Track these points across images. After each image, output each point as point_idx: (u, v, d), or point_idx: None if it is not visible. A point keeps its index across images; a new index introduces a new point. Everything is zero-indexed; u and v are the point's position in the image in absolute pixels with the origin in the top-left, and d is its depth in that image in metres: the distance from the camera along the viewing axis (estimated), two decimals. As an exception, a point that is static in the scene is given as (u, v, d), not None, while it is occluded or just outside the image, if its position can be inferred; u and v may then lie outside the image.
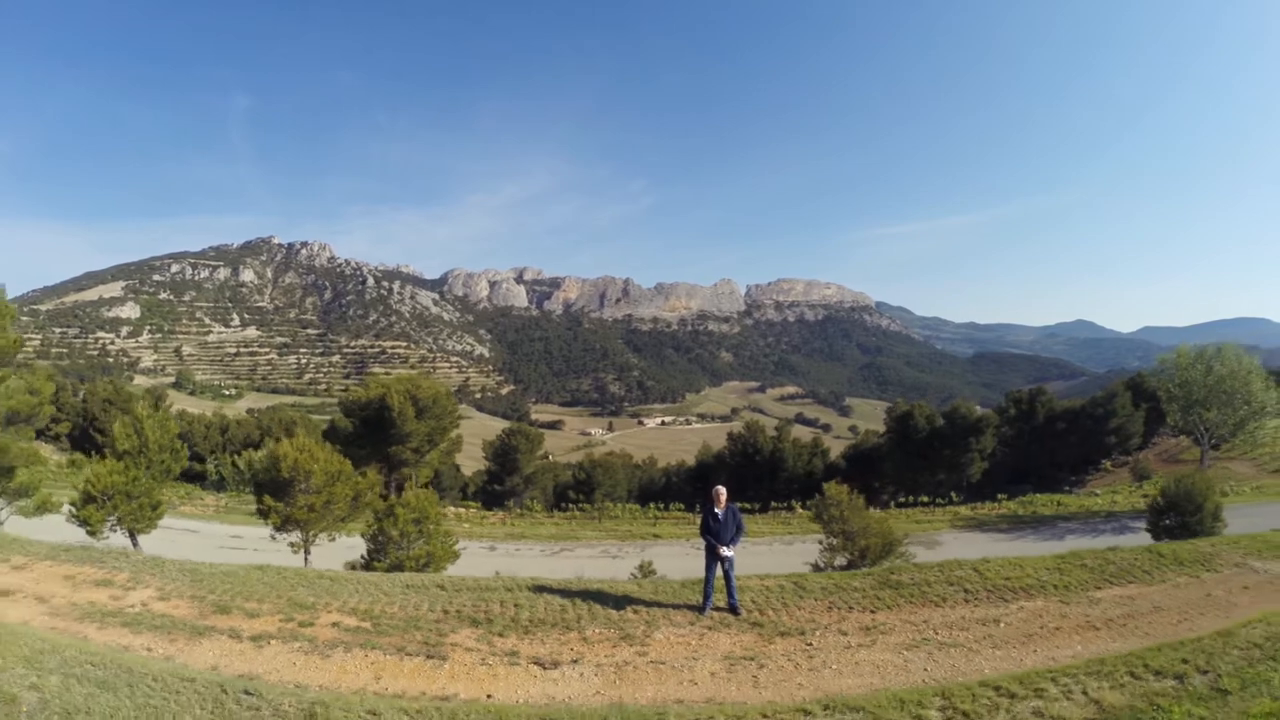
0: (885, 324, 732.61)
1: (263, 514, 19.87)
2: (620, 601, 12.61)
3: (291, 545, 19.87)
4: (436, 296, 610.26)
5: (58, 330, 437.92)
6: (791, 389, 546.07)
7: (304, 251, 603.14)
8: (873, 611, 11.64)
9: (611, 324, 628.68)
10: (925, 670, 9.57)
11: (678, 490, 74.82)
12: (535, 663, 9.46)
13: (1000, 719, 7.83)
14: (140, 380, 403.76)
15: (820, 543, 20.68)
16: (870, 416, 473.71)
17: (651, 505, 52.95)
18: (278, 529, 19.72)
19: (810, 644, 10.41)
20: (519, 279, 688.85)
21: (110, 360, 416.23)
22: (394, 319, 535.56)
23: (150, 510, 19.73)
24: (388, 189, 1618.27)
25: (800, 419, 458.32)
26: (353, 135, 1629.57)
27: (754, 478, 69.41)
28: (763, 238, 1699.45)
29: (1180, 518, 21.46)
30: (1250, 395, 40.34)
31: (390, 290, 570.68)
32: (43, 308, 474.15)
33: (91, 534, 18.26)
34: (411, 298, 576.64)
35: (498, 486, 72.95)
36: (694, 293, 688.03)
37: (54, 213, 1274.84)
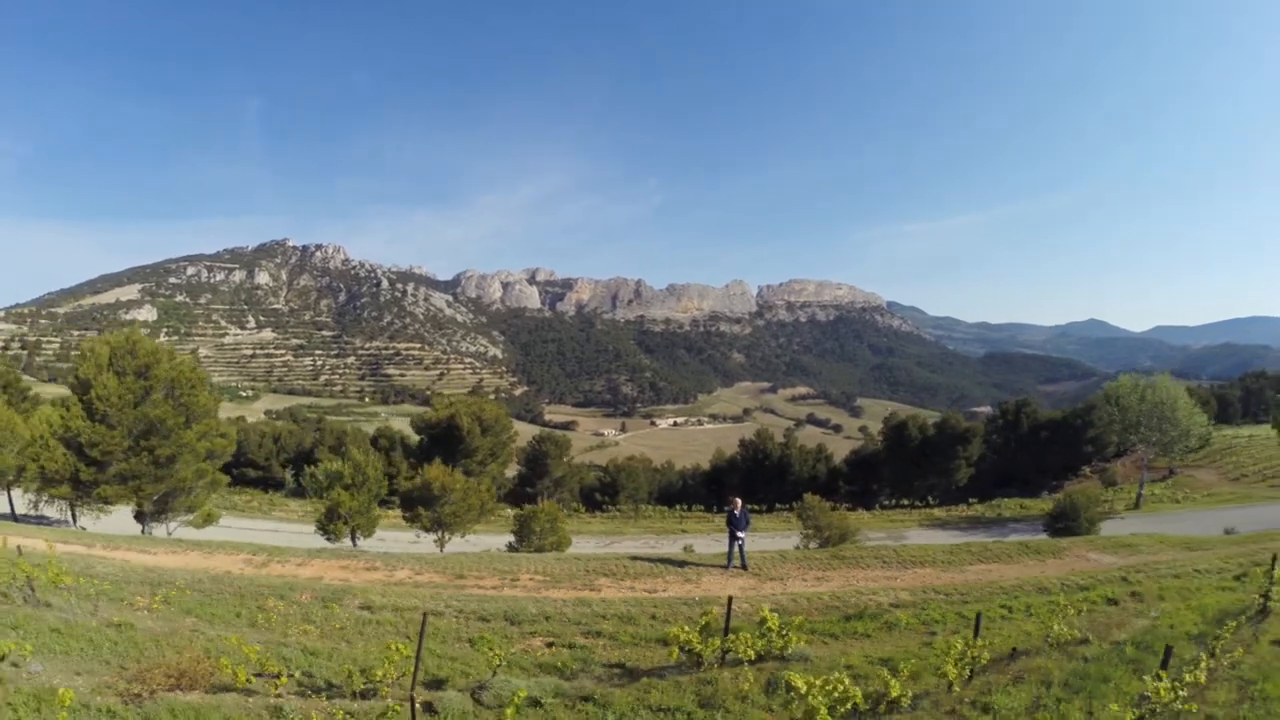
0: (897, 324, 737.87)
1: (410, 519, 28.64)
2: (680, 564, 21.50)
3: (436, 541, 28.71)
4: (450, 298, 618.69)
5: (76, 333, 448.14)
6: (803, 390, 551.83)
7: (318, 254, 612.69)
8: (824, 570, 20.34)
9: (624, 325, 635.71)
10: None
11: (694, 492, 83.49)
12: (646, 590, 18.15)
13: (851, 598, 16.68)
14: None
15: (801, 533, 29.59)
16: (881, 417, 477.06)
17: (677, 506, 61.62)
18: (426, 530, 28.54)
19: (785, 584, 19.03)
20: (531, 280, 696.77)
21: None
22: (408, 321, 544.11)
23: (372, 522, 28.59)
24: (400, 189, 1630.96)
25: (812, 420, 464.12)
26: (365, 136, 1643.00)
27: (764, 481, 77.96)
28: (774, 238, 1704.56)
29: (1066, 522, 30.05)
30: (1176, 420, 48.84)
31: (404, 292, 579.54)
32: (61, 310, 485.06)
33: (330, 539, 27.02)
34: (425, 299, 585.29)
35: (529, 489, 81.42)
36: (706, 293, 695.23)
37: (67, 214, 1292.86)
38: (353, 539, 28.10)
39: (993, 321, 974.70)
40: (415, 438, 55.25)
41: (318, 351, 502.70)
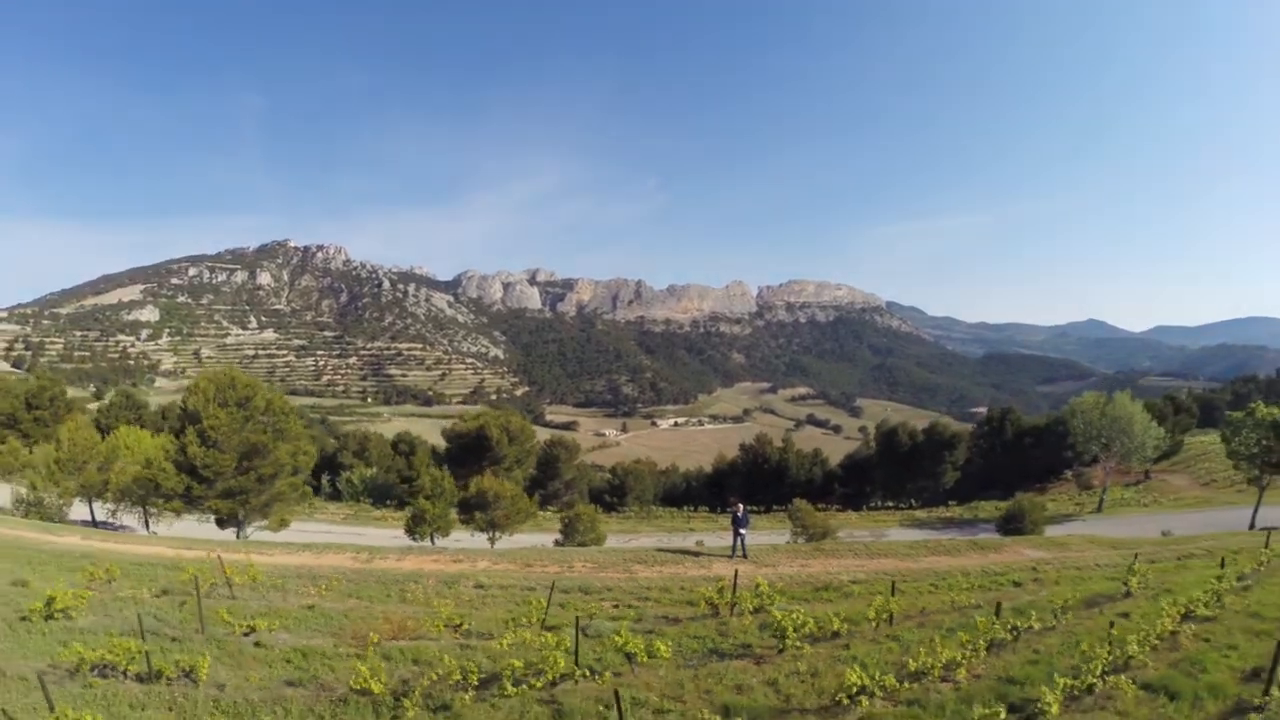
0: (896, 325, 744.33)
1: (466, 521, 34.68)
2: (694, 555, 27.47)
3: (489, 539, 34.71)
4: (451, 299, 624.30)
5: (78, 334, 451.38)
6: (803, 390, 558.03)
7: (319, 255, 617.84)
8: (807, 559, 26.24)
9: (624, 325, 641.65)
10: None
11: (697, 494, 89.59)
12: (672, 572, 24.05)
13: (822, 577, 22.64)
14: (162, 383, 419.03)
15: (791, 531, 35.69)
16: (881, 417, 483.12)
17: (685, 508, 67.55)
18: (480, 530, 34.57)
19: (776, 568, 24.91)
20: (532, 280, 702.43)
21: (131, 363, 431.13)
22: (409, 321, 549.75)
23: (448, 525, 34.64)
24: (400, 189, 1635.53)
25: (811, 420, 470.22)
26: (365, 135, 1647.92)
27: (763, 484, 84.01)
28: (774, 238, 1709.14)
29: (1015, 524, 36.09)
30: (1133, 434, 54.99)
31: (405, 293, 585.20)
32: (63, 311, 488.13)
33: (415, 539, 33.14)
34: (427, 300, 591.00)
35: (541, 490, 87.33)
36: (706, 294, 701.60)
37: (66, 212, 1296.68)
38: (432, 539, 33.92)
39: (992, 322, 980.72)
40: (430, 441, 61.19)
41: (320, 352, 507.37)
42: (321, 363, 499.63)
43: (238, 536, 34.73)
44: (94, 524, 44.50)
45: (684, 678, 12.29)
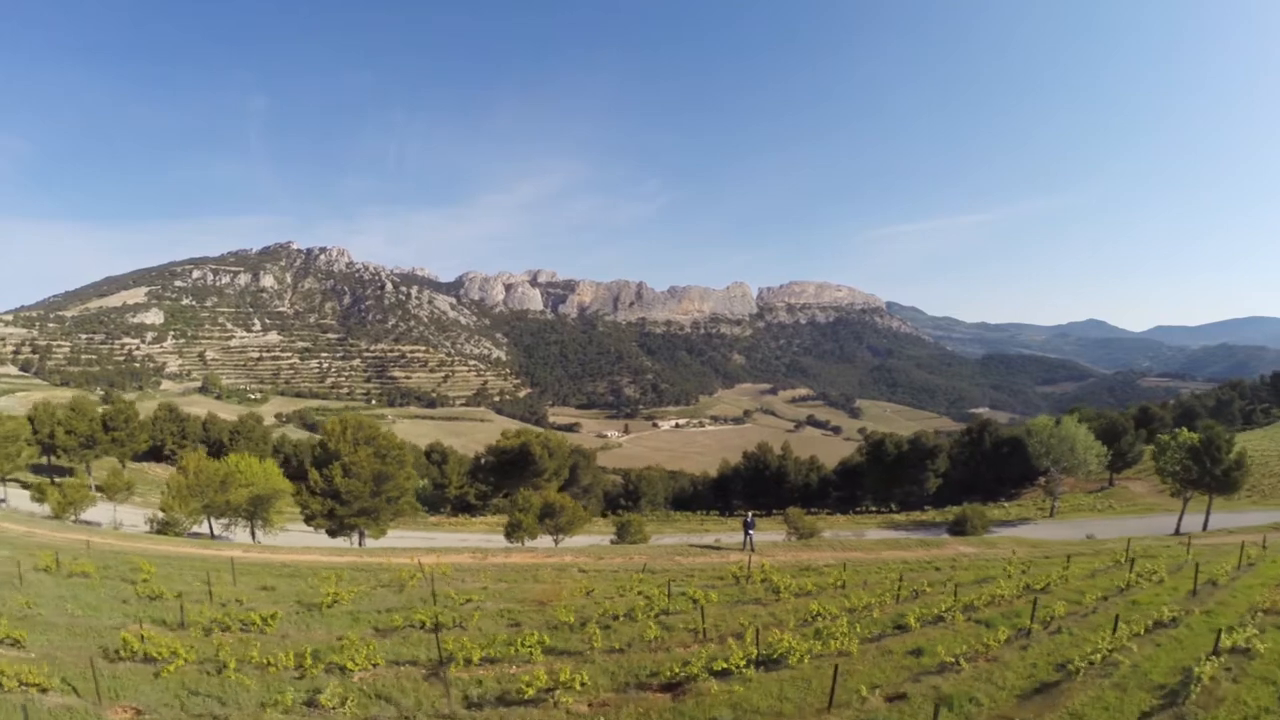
0: (896, 326, 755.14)
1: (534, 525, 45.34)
2: (716, 549, 37.97)
3: (554, 540, 45.25)
4: (454, 300, 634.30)
5: (84, 336, 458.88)
6: (803, 391, 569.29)
7: (323, 257, 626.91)
8: (797, 551, 36.67)
9: (625, 327, 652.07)
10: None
11: (704, 497, 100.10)
12: (703, 561, 34.52)
13: (806, 562, 33.25)
14: (167, 385, 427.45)
15: (786, 532, 46.34)
16: (880, 419, 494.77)
17: (698, 512, 78.00)
18: (549, 534, 45.13)
19: (774, 557, 35.35)
20: (533, 282, 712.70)
21: (137, 366, 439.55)
22: (412, 323, 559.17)
23: (534, 530, 45.23)
24: (403, 189, 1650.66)
25: (812, 421, 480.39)
26: (368, 136, 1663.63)
27: (764, 489, 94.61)
28: (775, 239, 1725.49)
29: (962, 527, 46.59)
30: (1076, 451, 65.58)
31: (408, 295, 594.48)
32: (68, 314, 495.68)
33: (511, 540, 43.93)
34: (429, 302, 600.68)
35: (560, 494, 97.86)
36: (706, 295, 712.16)
37: (69, 214, 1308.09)
38: (522, 541, 44.20)
39: (992, 322, 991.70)
40: (459, 450, 71.29)
41: (324, 354, 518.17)
42: (325, 365, 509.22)
43: (360, 544, 45.14)
44: (212, 537, 54.54)
45: (724, 612, 22.73)
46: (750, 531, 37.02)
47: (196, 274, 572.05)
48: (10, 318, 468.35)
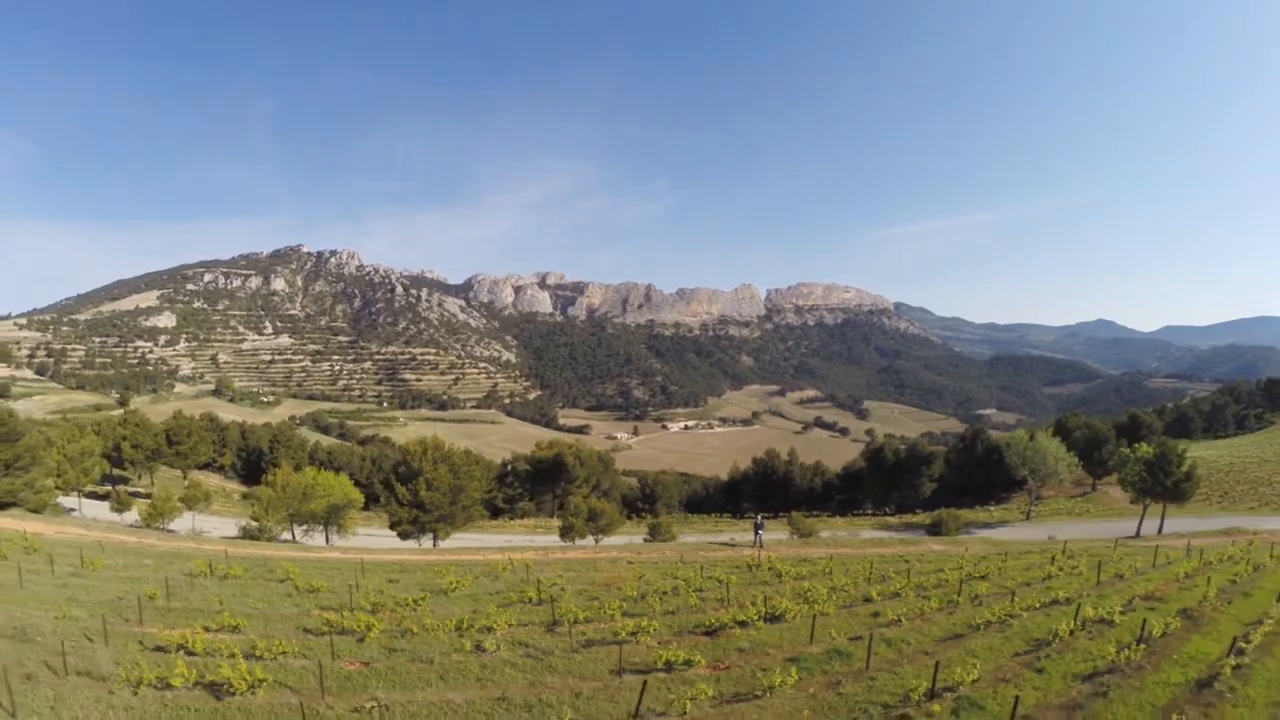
0: (904, 327, 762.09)
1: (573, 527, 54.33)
2: (733, 545, 46.83)
3: (594, 538, 54.16)
4: (463, 303, 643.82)
5: (97, 340, 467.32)
6: (811, 392, 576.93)
7: (333, 260, 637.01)
8: (798, 548, 45.23)
9: (634, 329, 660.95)
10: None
11: (715, 501, 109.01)
12: (723, 555, 43.28)
13: (804, 556, 42.11)
14: (181, 388, 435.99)
15: (789, 532, 55.23)
16: (888, 420, 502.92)
17: (712, 514, 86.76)
18: (592, 534, 54.02)
19: (779, 551, 44.04)
20: (542, 284, 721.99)
21: (150, 369, 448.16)
22: (423, 326, 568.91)
23: (584, 530, 54.23)
24: (410, 190, 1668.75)
25: (819, 423, 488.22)
26: (376, 137, 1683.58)
27: (772, 492, 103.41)
28: (783, 239, 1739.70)
29: (938, 529, 55.35)
30: (1047, 463, 74.06)
31: (418, 297, 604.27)
32: (81, 317, 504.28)
33: (566, 540, 53.00)
34: (439, 305, 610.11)
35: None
36: (715, 297, 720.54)
37: (75, 215, 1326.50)
38: (573, 540, 52.89)
39: (1001, 322, 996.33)
40: (487, 454, 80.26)
41: (335, 356, 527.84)
42: (337, 368, 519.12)
43: (434, 544, 54.03)
44: (294, 541, 63.01)
45: (741, 589, 31.38)
46: (760, 531, 45.62)
47: (208, 277, 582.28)
48: (24, 321, 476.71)
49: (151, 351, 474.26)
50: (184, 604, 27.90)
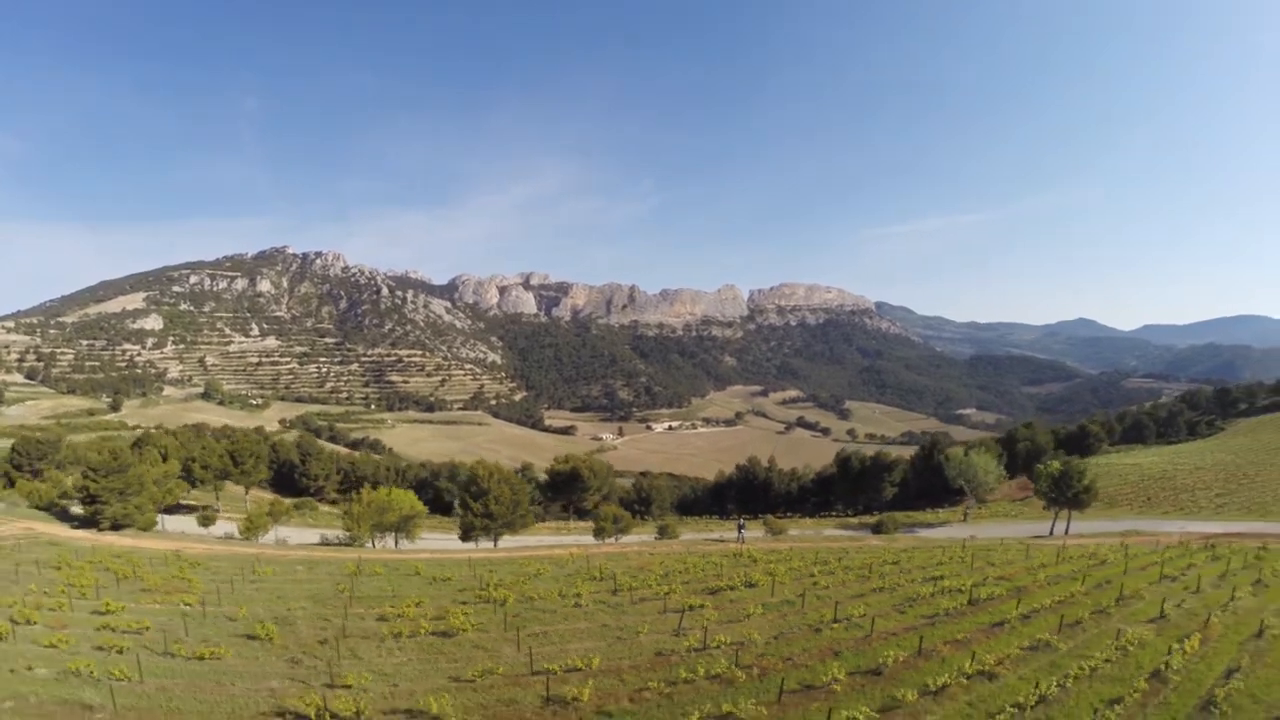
0: (885, 327, 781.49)
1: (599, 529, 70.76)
2: (721, 541, 63.53)
3: (614, 538, 70.72)
4: (449, 304, 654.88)
5: (85, 343, 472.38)
6: (793, 393, 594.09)
7: (318, 261, 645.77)
8: (772, 542, 62.06)
9: (619, 330, 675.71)
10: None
11: (703, 503, 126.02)
12: (717, 549, 60.00)
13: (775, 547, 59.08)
14: (170, 391, 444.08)
15: (764, 530, 72.17)
16: (869, 420, 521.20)
17: (701, 516, 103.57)
18: (610, 534, 70.48)
19: (756, 545, 60.86)
20: (526, 284, 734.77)
21: (139, 372, 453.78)
22: (409, 328, 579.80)
23: (609, 531, 70.69)
24: (396, 190, 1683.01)
25: (801, 423, 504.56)
26: (370, 137, 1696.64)
27: (753, 496, 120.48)
28: (766, 240, 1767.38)
29: (880, 528, 72.39)
30: (977, 475, 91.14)
31: (404, 299, 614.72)
32: (68, 319, 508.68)
33: (598, 539, 69.44)
34: (425, 306, 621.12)
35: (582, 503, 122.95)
36: (698, 298, 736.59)
37: (61, 215, 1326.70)
38: (603, 539, 69.15)
39: (982, 321, 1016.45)
40: (502, 463, 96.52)
41: (322, 359, 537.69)
42: (324, 370, 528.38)
43: (495, 544, 70.49)
44: (373, 546, 78.35)
45: (730, 569, 47.96)
46: (742, 530, 62.15)
47: (194, 279, 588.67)
48: (11, 324, 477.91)
49: (139, 354, 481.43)
50: (364, 593, 42.97)
